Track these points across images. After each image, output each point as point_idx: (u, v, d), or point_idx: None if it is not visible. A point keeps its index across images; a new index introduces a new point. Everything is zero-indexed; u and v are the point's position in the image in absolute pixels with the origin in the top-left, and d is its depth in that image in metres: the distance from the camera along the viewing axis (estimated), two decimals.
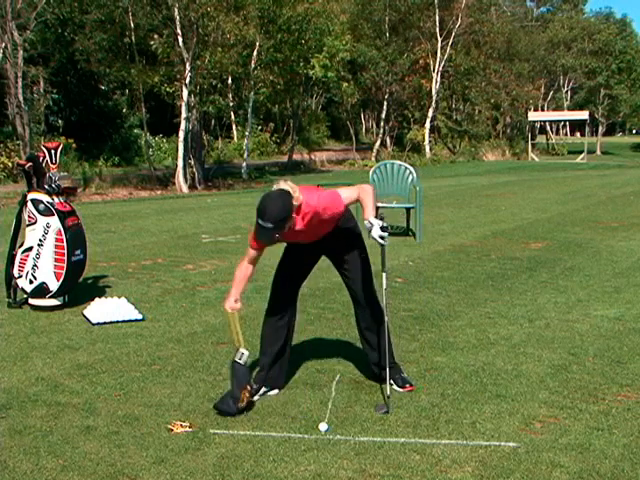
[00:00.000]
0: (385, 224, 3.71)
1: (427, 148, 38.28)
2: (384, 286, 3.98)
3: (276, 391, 4.12)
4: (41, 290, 5.80)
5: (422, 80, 38.33)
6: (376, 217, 3.75)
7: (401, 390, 4.12)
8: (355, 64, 35.24)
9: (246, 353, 3.90)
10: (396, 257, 8.21)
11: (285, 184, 3.72)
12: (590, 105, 52.00)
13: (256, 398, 3.98)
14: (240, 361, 3.87)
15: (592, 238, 9.74)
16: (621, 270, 7.62)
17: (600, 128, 55.28)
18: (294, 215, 3.71)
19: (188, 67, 19.88)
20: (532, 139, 43.79)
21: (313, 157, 33.81)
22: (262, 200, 3.65)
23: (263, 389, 4.08)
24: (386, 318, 4.13)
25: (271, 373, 4.13)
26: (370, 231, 3.69)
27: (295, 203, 3.67)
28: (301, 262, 4.16)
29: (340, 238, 4.03)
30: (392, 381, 4.10)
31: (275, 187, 3.72)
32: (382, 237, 3.68)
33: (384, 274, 4.00)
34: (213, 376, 4.35)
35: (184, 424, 3.62)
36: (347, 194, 3.86)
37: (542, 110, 50.41)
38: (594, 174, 25.81)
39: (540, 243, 9.36)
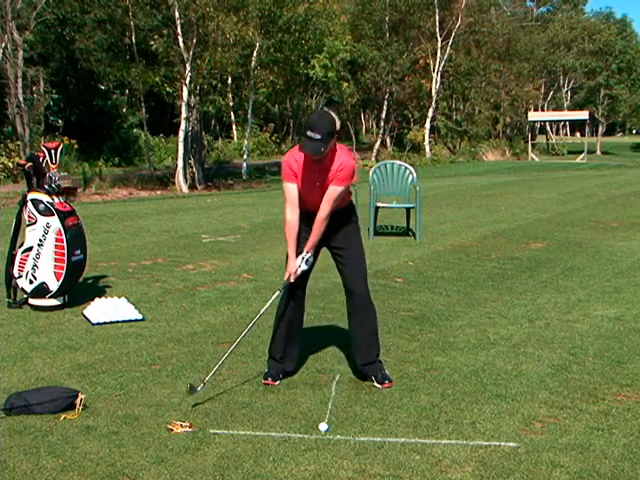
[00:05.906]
0: (310, 258, 4.12)
1: (427, 148, 38.23)
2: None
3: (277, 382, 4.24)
4: (41, 290, 5.80)
5: (422, 80, 38.29)
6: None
7: (380, 386, 4.18)
8: (355, 64, 35.21)
9: None
10: (396, 257, 8.21)
11: (331, 109, 4.09)
12: (590, 105, 51.97)
13: (255, 398, 3.98)
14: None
15: (592, 238, 9.74)
16: (621, 270, 7.62)
17: (600, 128, 55.27)
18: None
19: (188, 67, 19.86)
20: (532, 139, 43.78)
21: None
22: (312, 116, 4.05)
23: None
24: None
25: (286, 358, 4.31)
26: (301, 258, 4.07)
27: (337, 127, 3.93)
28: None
29: (340, 226, 4.22)
30: (373, 377, 4.23)
31: (323, 107, 4.11)
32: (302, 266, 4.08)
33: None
34: (213, 376, 4.35)
35: (184, 424, 3.62)
36: (346, 189, 4.25)
37: (542, 110, 50.39)
38: (594, 174, 25.81)
39: (540, 243, 9.36)
